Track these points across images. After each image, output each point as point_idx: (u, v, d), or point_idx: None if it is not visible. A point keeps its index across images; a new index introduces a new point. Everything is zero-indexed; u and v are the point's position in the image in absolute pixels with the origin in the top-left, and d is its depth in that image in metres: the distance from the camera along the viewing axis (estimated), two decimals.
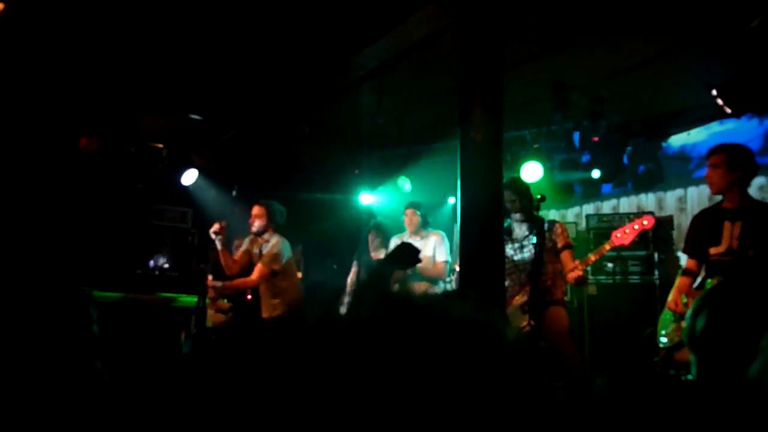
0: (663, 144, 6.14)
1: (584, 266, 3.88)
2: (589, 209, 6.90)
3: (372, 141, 6.86)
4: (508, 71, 3.73)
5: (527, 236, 4.03)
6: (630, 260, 5.86)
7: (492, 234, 3.42)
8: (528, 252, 3.99)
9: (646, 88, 5.37)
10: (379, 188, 7.36)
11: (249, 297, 5.33)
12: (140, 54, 4.93)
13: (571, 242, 4.07)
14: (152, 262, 7.19)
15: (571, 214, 7.11)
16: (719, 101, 4.42)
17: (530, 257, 3.92)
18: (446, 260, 4.92)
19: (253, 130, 6.62)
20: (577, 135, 6.07)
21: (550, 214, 6.94)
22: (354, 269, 5.90)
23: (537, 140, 6.23)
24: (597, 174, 6.12)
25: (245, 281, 4.72)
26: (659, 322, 3.69)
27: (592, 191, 6.54)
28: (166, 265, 7.23)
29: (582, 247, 5.53)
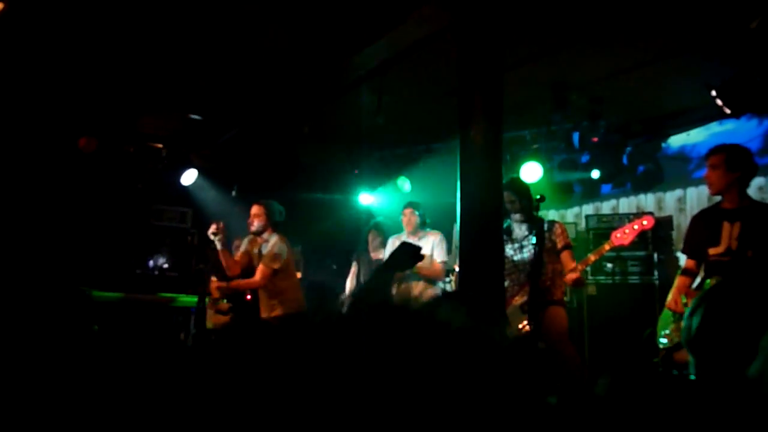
0: (662, 144, 6.14)
1: (584, 266, 3.88)
2: (589, 209, 6.90)
3: (372, 141, 6.87)
4: (508, 71, 3.73)
5: (527, 236, 4.03)
6: (629, 260, 5.86)
7: (492, 234, 3.42)
8: (527, 252, 3.99)
9: (646, 89, 5.37)
10: (379, 188, 7.37)
11: (248, 297, 5.33)
12: (140, 54, 4.93)
13: (571, 242, 4.07)
14: (152, 262, 7.19)
15: (571, 215, 7.11)
16: (719, 102, 4.42)
17: (530, 257, 3.92)
18: (444, 260, 4.91)
19: (253, 130, 6.62)
20: (577, 135, 6.07)
21: (550, 215, 6.94)
22: (353, 269, 5.90)
23: (536, 140, 6.24)
24: (596, 174, 6.12)
25: (249, 282, 4.71)
26: (659, 323, 3.69)
27: (592, 192, 6.54)
28: (166, 265, 7.23)
29: (581, 248, 5.53)
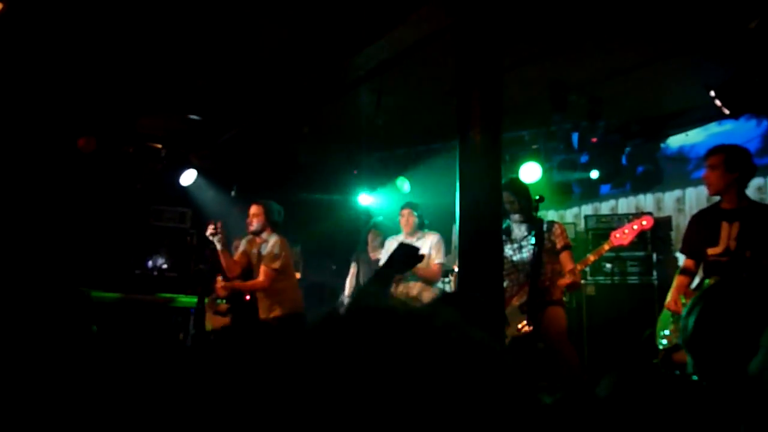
0: (661, 145, 6.14)
1: (583, 266, 3.88)
2: (588, 210, 6.90)
3: (371, 142, 6.86)
4: (507, 71, 3.73)
5: (526, 237, 4.03)
6: (628, 261, 5.87)
7: (491, 235, 3.42)
8: (527, 252, 3.99)
9: (645, 89, 5.37)
10: (378, 189, 7.36)
11: (247, 298, 5.32)
12: (139, 54, 4.93)
13: (570, 243, 4.07)
14: (151, 263, 7.18)
15: (570, 215, 7.11)
16: (717, 102, 4.43)
17: (529, 258, 3.92)
18: (442, 262, 4.89)
19: (252, 131, 6.62)
20: (576, 136, 6.07)
21: (549, 215, 6.94)
22: (353, 270, 5.90)
23: (536, 141, 6.24)
24: (595, 175, 6.13)
25: (254, 283, 4.71)
26: (658, 323, 3.69)
27: (591, 192, 6.54)
28: (165, 266, 7.22)
29: (580, 248, 5.54)
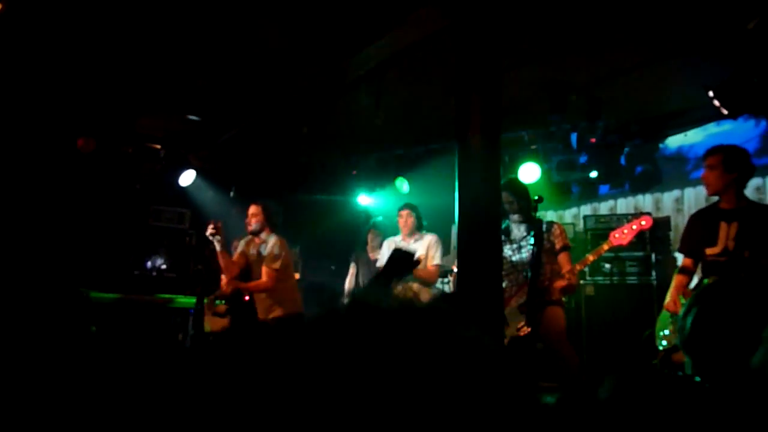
0: (660, 145, 6.15)
1: (582, 267, 3.89)
2: (587, 210, 6.91)
3: (370, 142, 6.87)
4: (506, 72, 3.73)
5: (525, 237, 4.04)
6: (627, 261, 5.87)
7: (490, 235, 3.43)
8: (526, 253, 4.00)
9: (644, 90, 5.38)
10: (377, 190, 7.37)
11: (246, 298, 5.32)
12: (138, 54, 4.93)
13: (569, 244, 4.07)
14: (150, 263, 7.18)
15: (569, 215, 7.12)
16: (716, 102, 4.43)
17: (528, 258, 3.93)
18: (439, 263, 4.89)
19: (252, 131, 6.62)
20: (575, 136, 6.08)
21: (548, 215, 6.95)
22: (352, 270, 5.90)
23: (535, 141, 6.24)
24: (594, 175, 6.13)
25: (258, 284, 4.72)
26: (657, 324, 3.69)
27: (590, 192, 6.55)
28: (164, 266, 7.22)
29: (579, 248, 5.54)
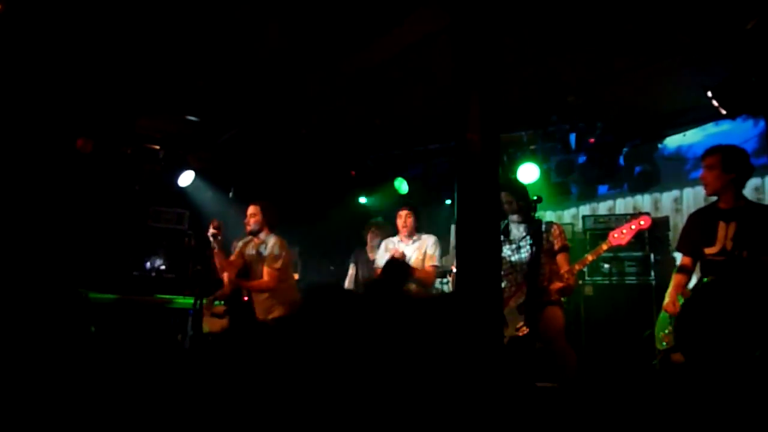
0: (659, 145, 6.15)
1: (581, 267, 3.88)
2: (586, 210, 6.91)
3: (369, 142, 6.87)
4: (506, 72, 3.74)
5: (524, 237, 4.04)
6: (626, 261, 5.88)
7: (489, 235, 3.43)
8: (525, 253, 4.00)
9: (642, 90, 5.38)
10: (377, 190, 7.37)
11: (245, 299, 5.32)
12: (137, 55, 4.93)
13: (568, 244, 4.07)
14: (149, 264, 7.18)
15: (568, 215, 7.12)
16: (714, 102, 4.43)
17: (527, 258, 3.93)
18: (437, 264, 4.87)
19: (251, 132, 6.62)
20: (574, 136, 6.09)
21: (547, 215, 6.96)
22: (351, 271, 5.89)
23: (533, 141, 6.25)
24: (593, 175, 6.14)
25: (260, 284, 4.74)
26: (657, 324, 3.68)
27: (589, 192, 6.56)
28: (163, 267, 7.22)
29: (578, 248, 5.55)
